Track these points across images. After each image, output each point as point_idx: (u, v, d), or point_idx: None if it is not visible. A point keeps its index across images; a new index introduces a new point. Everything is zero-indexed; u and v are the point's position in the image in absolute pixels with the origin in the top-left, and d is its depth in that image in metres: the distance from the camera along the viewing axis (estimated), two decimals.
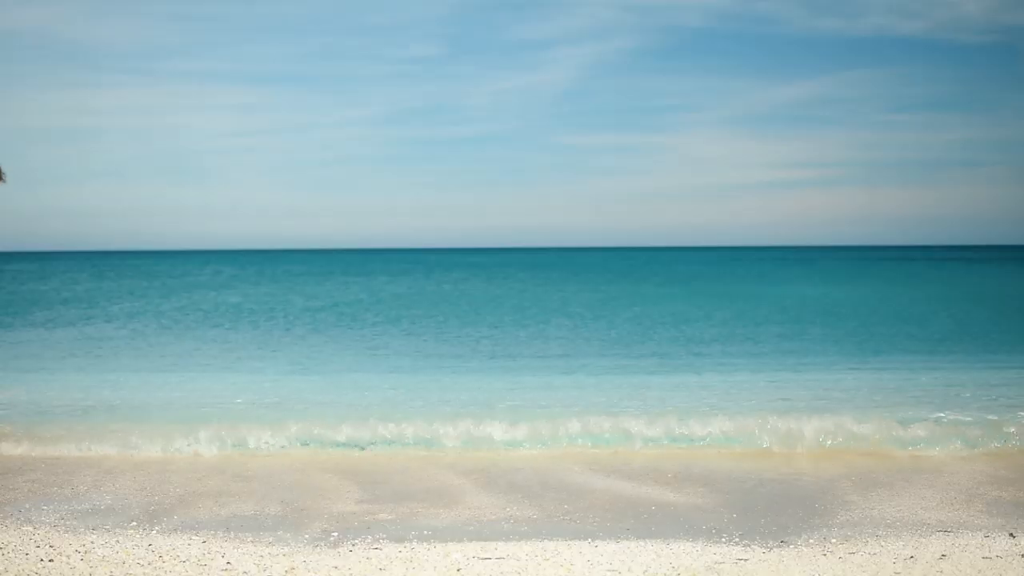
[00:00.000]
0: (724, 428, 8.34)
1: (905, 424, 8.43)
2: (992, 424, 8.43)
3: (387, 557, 4.59)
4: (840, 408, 9.40)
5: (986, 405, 9.48)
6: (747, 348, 15.43)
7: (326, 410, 9.38)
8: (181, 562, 4.46)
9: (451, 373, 12.38)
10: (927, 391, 10.48)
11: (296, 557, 4.56)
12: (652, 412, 9.19)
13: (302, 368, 13.05)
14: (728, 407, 9.46)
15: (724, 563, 4.52)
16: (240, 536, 4.96)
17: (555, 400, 9.93)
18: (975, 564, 4.53)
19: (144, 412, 9.28)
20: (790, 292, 33.88)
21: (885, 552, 4.72)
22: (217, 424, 8.16)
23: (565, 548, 4.76)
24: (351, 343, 16.78)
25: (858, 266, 70.51)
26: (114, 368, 12.94)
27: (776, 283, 41.29)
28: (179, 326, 20.41)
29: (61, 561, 4.44)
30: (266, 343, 16.63)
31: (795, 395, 10.27)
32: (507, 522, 5.34)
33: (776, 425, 8.44)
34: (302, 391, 10.67)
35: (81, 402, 9.94)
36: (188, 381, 11.44)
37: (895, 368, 12.73)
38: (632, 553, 4.68)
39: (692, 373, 12.29)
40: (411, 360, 14.06)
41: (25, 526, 5.09)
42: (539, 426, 8.42)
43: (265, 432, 8.02)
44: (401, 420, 8.77)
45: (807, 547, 4.83)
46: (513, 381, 11.55)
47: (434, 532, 5.10)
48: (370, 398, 10.16)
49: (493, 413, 9.16)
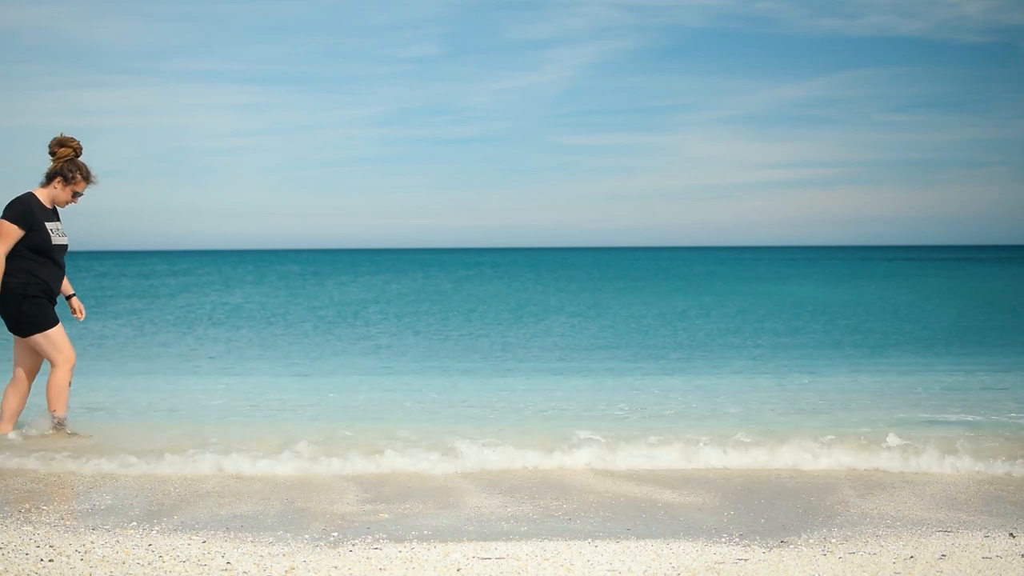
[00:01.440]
0: (724, 428, 8.34)
1: (905, 424, 8.44)
2: (992, 424, 8.44)
3: (387, 557, 4.59)
4: (839, 407, 9.41)
5: (986, 405, 9.49)
6: (747, 348, 15.44)
7: (327, 410, 9.39)
8: (181, 562, 4.46)
9: (451, 373, 12.39)
10: (927, 391, 10.49)
11: (296, 557, 4.57)
12: (652, 412, 9.20)
13: (302, 369, 13.06)
14: (728, 407, 9.47)
15: (724, 563, 4.53)
16: (240, 536, 4.96)
17: (555, 400, 9.94)
18: (975, 564, 4.53)
19: (146, 412, 9.29)
20: (790, 292, 33.88)
21: (885, 552, 4.73)
22: (218, 424, 8.18)
23: (565, 548, 4.76)
24: (351, 343, 16.79)
25: (858, 266, 70.49)
26: (119, 369, 12.95)
27: (776, 283, 41.29)
28: (179, 326, 20.41)
29: (61, 561, 4.45)
30: (266, 344, 16.64)
31: (795, 395, 10.28)
32: (507, 522, 5.35)
33: (776, 425, 8.44)
34: (302, 392, 10.68)
35: (83, 403, 9.94)
36: (187, 381, 11.45)
37: (895, 368, 12.74)
38: (632, 553, 4.69)
39: (693, 373, 12.30)
40: (412, 360, 14.07)
41: (25, 526, 5.10)
42: (540, 426, 8.42)
43: (265, 431, 8.02)
44: (402, 421, 8.78)
45: (807, 547, 4.83)
46: (513, 381, 11.56)
47: (434, 532, 5.10)
48: (370, 399, 10.17)
49: (493, 414, 9.17)
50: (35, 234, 7.21)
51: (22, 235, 7.17)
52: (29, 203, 7.25)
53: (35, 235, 7.21)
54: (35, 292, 7.22)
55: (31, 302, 7.21)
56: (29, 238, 7.20)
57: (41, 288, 7.25)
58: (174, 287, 38.93)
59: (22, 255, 7.20)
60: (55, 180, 7.38)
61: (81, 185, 7.41)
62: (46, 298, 7.30)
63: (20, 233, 7.17)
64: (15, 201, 7.25)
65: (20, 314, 7.22)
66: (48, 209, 7.37)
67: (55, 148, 7.35)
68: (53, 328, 7.29)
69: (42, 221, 7.26)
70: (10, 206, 7.24)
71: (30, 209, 7.22)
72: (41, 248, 7.23)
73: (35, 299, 7.22)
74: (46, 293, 7.29)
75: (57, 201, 7.40)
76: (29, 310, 7.21)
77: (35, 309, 7.23)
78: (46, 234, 7.25)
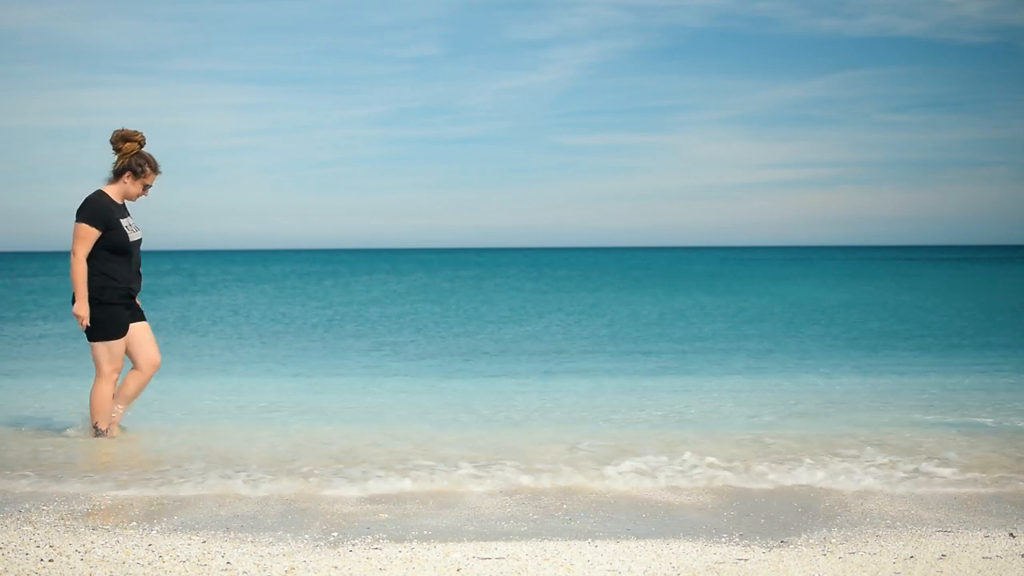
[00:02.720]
0: (724, 427, 8.33)
1: (905, 424, 8.44)
2: (992, 424, 8.44)
3: (387, 557, 4.59)
4: (839, 407, 9.41)
5: (986, 405, 9.49)
6: (747, 348, 15.44)
7: (326, 411, 9.39)
8: (181, 562, 4.46)
9: (452, 373, 12.39)
10: (927, 391, 10.49)
11: (296, 557, 4.57)
12: (651, 412, 9.20)
13: (303, 369, 13.06)
14: (728, 407, 9.47)
15: (724, 563, 4.53)
16: (240, 536, 4.96)
17: (554, 400, 9.94)
18: (975, 564, 4.53)
19: (145, 413, 9.29)
20: (790, 292, 33.88)
21: (885, 552, 4.73)
22: (218, 425, 8.18)
23: (565, 548, 4.76)
24: (353, 343, 16.79)
25: (858, 266, 70.46)
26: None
27: (776, 283, 41.28)
28: (180, 326, 20.42)
29: (61, 561, 4.45)
30: (267, 343, 16.64)
31: (794, 394, 10.28)
32: (507, 522, 5.35)
33: (776, 425, 8.44)
34: (302, 392, 10.68)
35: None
36: (185, 382, 11.45)
37: (894, 368, 12.74)
38: (632, 553, 4.68)
39: (693, 373, 12.30)
40: (414, 360, 14.07)
41: (25, 526, 5.10)
42: (540, 426, 8.42)
43: (265, 432, 8.02)
44: (403, 420, 8.78)
45: (807, 547, 4.83)
46: (512, 381, 11.56)
47: (434, 532, 5.10)
48: (370, 399, 10.17)
49: (493, 414, 9.17)
50: (112, 233, 7.11)
51: (99, 235, 7.08)
52: (102, 201, 7.14)
53: (112, 234, 7.11)
54: (112, 299, 7.13)
55: (105, 309, 7.11)
56: (106, 237, 7.10)
57: (119, 293, 7.15)
58: (174, 287, 38.93)
59: (99, 256, 7.11)
60: (124, 175, 7.25)
61: (151, 177, 7.29)
62: (123, 304, 7.20)
63: (97, 234, 7.06)
64: (87, 201, 7.14)
65: (92, 320, 7.11)
66: (120, 205, 7.26)
67: (119, 143, 7.23)
68: (117, 340, 7.19)
69: (117, 218, 7.16)
70: (83, 207, 7.11)
71: (104, 207, 7.12)
72: (119, 246, 7.13)
73: (111, 307, 7.12)
74: (124, 298, 7.19)
75: (128, 196, 7.30)
76: (101, 317, 7.12)
77: (107, 317, 7.13)
78: (122, 231, 7.15)
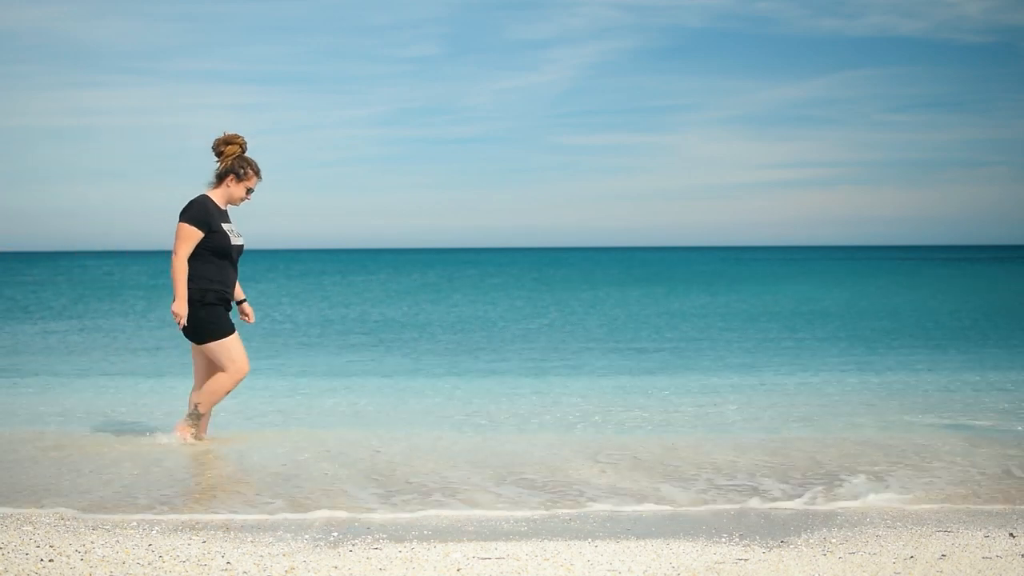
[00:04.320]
0: (724, 427, 8.34)
1: (905, 424, 8.44)
2: (993, 424, 8.44)
3: (387, 557, 4.59)
4: (839, 407, 9.41)
5: (986, 405, 9.49)
6: (747, 347, 15.44)
7: (327, 411, 9.39)
8: (181, 562, 4.46)
9: (452, 373, 12.38)
10: (927, 391, 10.49)
11: (296, 557, 4.57)
12: (651, 411, 9.20)
13: (303, 369, 13.06)
14: (728, 407, 9.47)
15: (724, 563, 4.52)
16: (240, 536, 4.96)
17: (554, 399, 9.94)
18: (975, 564, 4.53)
19: (147, 414, 9.29)
20: (790, 291, 33.88)
21: (885, 552, 4.73)
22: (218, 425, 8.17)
23: (565, 548, 4.76)
24: (353, 343, 16.79)
25: (858, 266, 70.44)
26: (130, 370, 12.95)
27: (776, 282, 41.28)
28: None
29: (61, 561, 4.45)
30: (266, 343, 16.64)
31: (794, 394, 10.28)
32: (507, 522, 5.35)
33: (776, 425, 8.44)
34: (302, 392, 10.67)
35: (93, 406, 9.95)
36: (184, 382, 11.44)
37: (894, 368, 12.74)
38: (632, 553, 4.68)
39: (693, 374, 12.30)
40: (414, 360, 14.07)
41: (25, 526, 5.10)
42: (539, 426, 8.43)
43: (265, 432, 8.03)
44: (403, 420, 8.78)
45: (807, 547, 4.83)
46: (511, 381, 11.56)
47: (434, 532, 5.11)
48: (370, 399, 10.17)
49: (492, 413, 9.17)
50: (215, 236, 7.12)
51: (202, 237, 7.08)
52: (206, 204, 7.15)
53: (215, 236, 7.12)
54: (212, 300, 7.13)
55: (208, 309, 7.11)
56: (209, 240, 7.10)
57: (218, 295, 7.16)
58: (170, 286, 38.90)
59: (201, 258, 7.12)
60: (228, 179, 7.25)
61: (253, 180, 7.29)
62: (223, 305, 7.21)
63: (199, 235, 7.07)
64: (192, 203, 7.15)
65: (197, 321, 7.11)
66: (223, 210, 7.27)
67: (221, 147, 7.23)
68: (228, 337, 7.20)
69: (219, 222, 7.17)
70: (188, 208, 7.12)
71: (208, 210, 7.13)
72: (221, 250, 7.13)
73: (212, 307, 7.13)
74: (222, 300, 7.20)
75: (232, 200, 7.31)
76: (206, 317, 7.12)
77: (212, 316, 7.14)
78: (225, 235, 7.16)
